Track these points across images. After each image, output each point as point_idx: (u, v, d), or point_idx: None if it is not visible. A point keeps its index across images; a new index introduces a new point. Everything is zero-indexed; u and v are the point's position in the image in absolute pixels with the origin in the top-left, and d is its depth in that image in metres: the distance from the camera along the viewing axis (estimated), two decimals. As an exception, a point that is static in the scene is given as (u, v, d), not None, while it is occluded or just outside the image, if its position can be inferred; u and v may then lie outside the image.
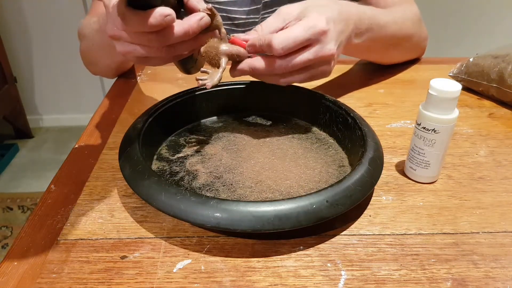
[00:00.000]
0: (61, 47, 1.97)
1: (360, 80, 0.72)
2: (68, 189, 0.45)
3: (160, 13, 0.37)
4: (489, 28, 1.92)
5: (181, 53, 0.43)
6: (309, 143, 0.52)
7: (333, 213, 0.36)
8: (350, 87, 0.69)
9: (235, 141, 0.53)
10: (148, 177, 0.39)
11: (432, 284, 0.34)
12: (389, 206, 0.43)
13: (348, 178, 0.39)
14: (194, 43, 0.43)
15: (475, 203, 0.44)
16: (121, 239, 0.38)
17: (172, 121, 0.54)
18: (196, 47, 0.44)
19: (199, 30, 0.41)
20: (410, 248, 0.38)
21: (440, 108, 0.42)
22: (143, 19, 0.37)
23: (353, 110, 0.51)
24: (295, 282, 0.34)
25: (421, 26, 0.73)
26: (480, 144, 0.54)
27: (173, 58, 0.44)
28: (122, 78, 0.73)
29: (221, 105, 0.58)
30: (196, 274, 0.35)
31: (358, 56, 0.75)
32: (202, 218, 0.35)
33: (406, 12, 0.70)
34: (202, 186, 0.44)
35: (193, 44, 0.43)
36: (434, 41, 0.95)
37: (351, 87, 0.69)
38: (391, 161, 0.50)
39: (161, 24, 0.38)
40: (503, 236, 0.39)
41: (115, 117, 0.60)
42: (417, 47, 0.77)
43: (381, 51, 0.70)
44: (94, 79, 2.07)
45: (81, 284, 0.34)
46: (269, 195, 0.43)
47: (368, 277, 0.35)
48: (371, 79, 0.72)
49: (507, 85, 0.61)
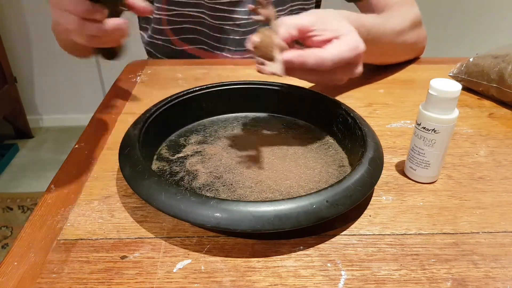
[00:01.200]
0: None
1: (360, 80, 0.72)
2: (68, 189, 0.45)
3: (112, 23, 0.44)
4: (489, 28, 1.93)
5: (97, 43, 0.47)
6: (309, 143, 0.52)
7: (333, 213, 0.36)
8: (350, 87, 0.69)
9: (235, 141, 0.53)
10: (148, 177, 0.39)
11: (432, 284, 0.34)
12: (389, 206, 0.43)
13: (348, 178, 0.39)
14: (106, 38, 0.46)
15: (475, 203, 0.44)
16: (121, 239, 0.38)
17: (172, 121, 0.54)
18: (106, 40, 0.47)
19: (110, 33, 0.45)
20: (410, 248, 0.38)
21: (440, 108, 0.42)
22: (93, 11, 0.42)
23: (353, 110, 0.51)
24: (295, 282, 0.34)
25: (420, 28, 0.73)
26: (480, 144, 0.54)
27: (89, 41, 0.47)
28: (122, 78, 0.73)
29: (221, 105, 0.58)
30: (196, 274, 0.35)
31: None
32: (202, 218, 0.35)
33: (406, 15, 0.70)
34: (202, 186, 0.44)
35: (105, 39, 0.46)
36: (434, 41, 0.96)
37: (351, 87, 0.69)
38: (391, 161, 0.50)
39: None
40: (503, 236, 0.39)
41: (115, 117, 0.60)
42: (415, 49, 0.77)
43: (376, 58, 0.71)
44: (94, 79, 2.07)
45: (81, 284, 0.34)
46: (269, 195, 0.43)
47: (368, 277, 0.35)
48: (371, 79, 0.72)
49: (507, 85, 0.61)
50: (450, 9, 1.91)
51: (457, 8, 1.91)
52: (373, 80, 0.72)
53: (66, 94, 2.12)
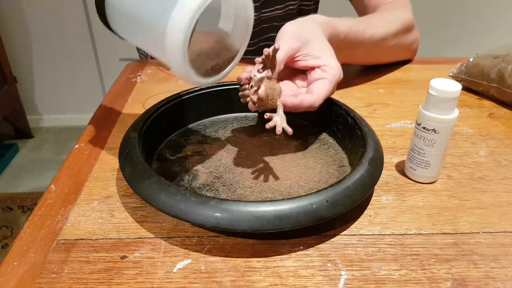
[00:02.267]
0: (61, 47, 1.97)
1: (360, 80, 0.72)
2: (68, 189, 0.45)
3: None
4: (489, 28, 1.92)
5: None
6: (309, 143, 0.52)
7: (333, 213, 0.36)
8: (350, 87, 0.69)
9: (235, 141, 0.53)
10: (148, 177, 0.39)
11: (432, 284, 0.34)
12: (389, 206, 0.43)
13: (348, 178, 0.39)
14: None
15: (475, 203, 0.44)
16: (121, 239, 0.38)
17: (172, 121, 0.54)
18: None
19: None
20: (410, 248, 0.38)
21: (440, 108, 0.42)
22: None
23: (353, 110, 0.51)
24: (295, 282, 0.34)
25: (411, 31, 0.72)
26: (480, 144, 0.54)
27: None
28: (122, 78, 0.73)
29: (221, 105, 0.58)
30: (196, 274, 0.35)
31: None
32: (202, 218, 0.35)
33: (396, 18, 0.69)
34: (202, 186, 0.44)
35: None
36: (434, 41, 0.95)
37: (351, 87, 0.69)
38: (391, 161, 0.50)
39: None
40: (503, 236, 0.39)
41: (115, 117, 0.60)
42: (405, 51, 0.76)
43: (358, 59, 0.71)
44: (94, 79, 2.07)
45: (81, 284, 0.34)
46: (269, 195, 0.43)
47: (368, 277, 0.35)
48: (371, 79, 0.72)
49: (507, 85, 0.61)
50: (450, 9, 1.91)
51: (457, 8, 1.91)
52: (373, 80, 0.72)
53: (66, 94, 2.12)
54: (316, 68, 0.49)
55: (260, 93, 0.42)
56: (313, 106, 0.46)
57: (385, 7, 0.71)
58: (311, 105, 0.46)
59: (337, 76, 0.49)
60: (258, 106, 0.44)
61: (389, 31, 0.68)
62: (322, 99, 0.47)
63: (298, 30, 0.50)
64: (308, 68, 0.50)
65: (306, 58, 0.49)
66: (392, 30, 0.68)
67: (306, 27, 0.52)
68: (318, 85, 0.48)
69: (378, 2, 0.73)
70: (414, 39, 0.75)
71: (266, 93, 0.42)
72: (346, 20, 0.62)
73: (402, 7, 0.72)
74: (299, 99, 0.45)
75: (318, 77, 0.48)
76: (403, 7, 0.72)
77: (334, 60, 0.50)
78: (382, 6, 0.72)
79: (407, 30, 0.71)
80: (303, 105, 0.45)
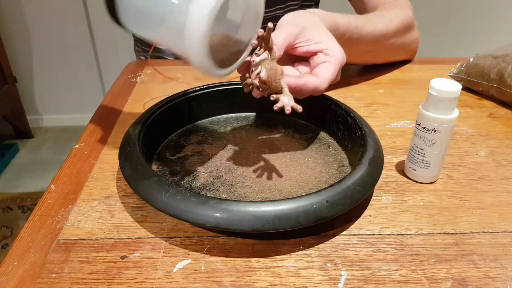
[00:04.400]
0: (61, 47, 1.97)
1: (360, 80, 0.72)
2: (68, 189, 0.45)
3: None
4: (489, 28, 1.92)
5: None
6: (309, 143, 0.52)
7: (333, 213, 0.36)
8: (350, 87, 0.69)
9: (235, 141, 0.53)
10: (148, 177, 0.39)
11: (432, 284, 0.34)
12: (389, 206, 0.43)
13: (348, 178, 0.39)
14: None
15: (475, 203, 0.44)
16: (121, 239, 0.38)
17: (172, 121, 0.54)
18: None
19: None
20: (410, 248, 0.38)
21: (440, 108, 0.42)
22: None
23: (353, 110, 0.51)
24: (295, 282, 0.34)
25: (411, 31, 0.72)
26: (480, 144, 0.54)
27: None
28: (122, 78, 0.73)
29: (221, 105, 0.58)
30: (196, 274, 0.35)
31: None
32: (202, 218, 0.35)
33: (395, 17, 0.69)
34: (202, 186, 0.44)
35: None
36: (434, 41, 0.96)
37: (351, 87, 0.69)
38: (391, 161, 0.50)
39: None
40: (503, 236, 0.39)
41: (115, 117, 0.60)
42: (405, 51, 0.76)
43: (355, 58, 0.70)
44: (94, 79, 2.07)
45: (81, 284, 0.34)
46: (269, 195, 0.43)
47: (368, 277, 0.35)
48: (371, 79, 0.72)
49: (507, 85, 0.61)
50: (450, 9, 1.91)
51: (457, 8, 1.91)
52: (373, 80, 0.72)
53: (66, 94, 2.12)
54: (318, 53, 0.48)
55: (262, 76, 0.41)
56: (318, 89, 0.45)
57: (385, 7, 0.71)
58: (316, 87, 0.44)
59: (340, 59, 0.47)
60: (262, 90, 0.43)
61: (388, 28, 0.67)
62: (327, 82, 0.45)
63: (296, 18, 0.49)
64: (310, 53, 0.48)
65: (308, 43, 0.48)
66: (392, 27, 0.68)
67: (305, 16, 0.51)
68: (323, 68, 0.46)
69: (378, 2, 0.73)
70: (415, 38, 0.75)
71: (268, 75, 0.42)
72: (345, 15, 0.61)
73: (402, 6, 0.72)
74: (304, 80, 0.44)
75: (321, 61, 0.47)
76: (403, 7, 0.72)
77: (336, 44, 0.48)
78: (382, 6, 0.72)
79: (407, 28, 0.71)
80: (308, 86, 0.44)
